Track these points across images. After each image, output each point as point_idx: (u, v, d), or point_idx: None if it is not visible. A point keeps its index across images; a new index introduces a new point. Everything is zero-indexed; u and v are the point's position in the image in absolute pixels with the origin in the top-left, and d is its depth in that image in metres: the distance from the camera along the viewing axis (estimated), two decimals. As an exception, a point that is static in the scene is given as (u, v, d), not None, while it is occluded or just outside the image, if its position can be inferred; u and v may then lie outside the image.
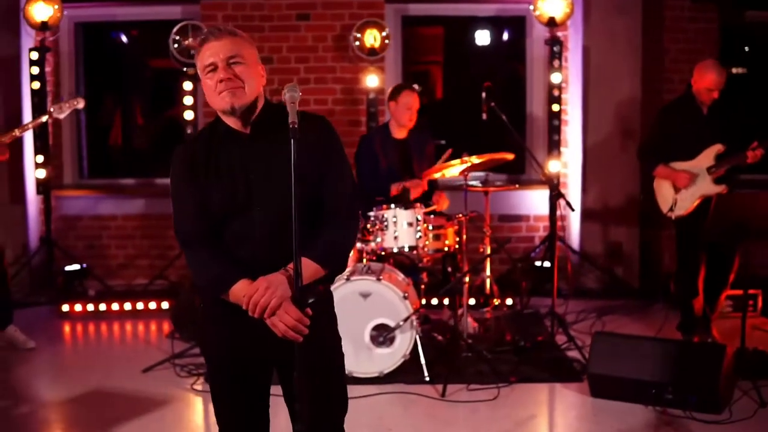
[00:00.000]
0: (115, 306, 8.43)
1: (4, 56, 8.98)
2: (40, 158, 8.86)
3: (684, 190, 6.82)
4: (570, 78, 8.96)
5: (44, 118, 7.37)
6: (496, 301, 7.77)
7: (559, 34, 8.80)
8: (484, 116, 7.05)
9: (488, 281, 7.43)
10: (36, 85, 8.68)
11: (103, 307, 8.41)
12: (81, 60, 9.71)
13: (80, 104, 7.42)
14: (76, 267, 9.06)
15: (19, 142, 8.85)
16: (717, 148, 6.72)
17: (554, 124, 8.71)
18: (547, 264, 8.65)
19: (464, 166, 6.79)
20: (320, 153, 3.29)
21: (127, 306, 8.41)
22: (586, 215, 9.09)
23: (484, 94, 7.00)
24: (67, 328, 8.11)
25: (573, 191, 9.05)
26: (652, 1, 8.88)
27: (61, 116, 7.44)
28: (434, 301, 8.05)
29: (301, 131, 3.10)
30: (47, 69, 9.05)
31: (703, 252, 6.86)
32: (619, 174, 8.97)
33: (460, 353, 6.61)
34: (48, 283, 9.07)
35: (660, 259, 8.75)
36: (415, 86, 7.55)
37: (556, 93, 8.66)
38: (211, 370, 3.44)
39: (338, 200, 3.30)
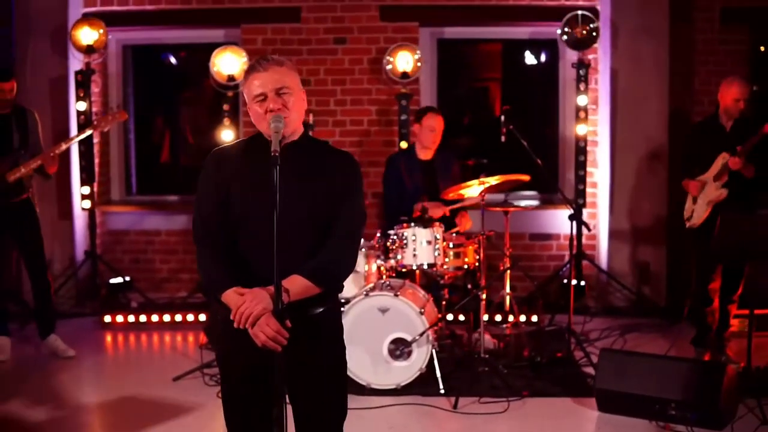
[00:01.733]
0: (154, 317, 8.76)
1: (53, 77, 9.39)
2: (86, 175, 9.24)
3: (698, 199, 7.08)
4: (600, 100, 9.14)
5: (89, 131, 7.79)
6: (522, 317, 7.99)
7: (590, 56, 9.01)
8: (503, 138, 7.27)
9: (507, 298, 7.63)
10: (81, 105, 9.07)
11: (143, 318, 8.75)
12: (130, 80, 10.10)
13: (123, 117, 7.81)
14: (119, 280, 9.43)
15: (66, 161, 9.24)
16: (723, 155, 6.95)
17: (580, 145, 8.90)
18: (573, 282, 8.83)
19: (482, 186, 7.02)
20: (340, 185, 3.56)
21: (166, 318, 8.74)
22: (614, 235, 9.24)
23: (503, 118, 7.23)
24: (108, 338, 8.46)
25: (602, 211, 9.22)
26: (680, 24, 9.03)
27: (106, 128, 7.85)
28: (461, 318, 8.25)
29: (328, 164, 3.55)
30: (95, 90, 9.47)
31: (717, 264, 7.07)
32: (646, 194, 9.12)
33: (477, 368, 6.82)
34: (93, 295, 9.44)
35: (687, 279, 8.86)
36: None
37: (582, 115, 8.84)
38: (224, 377, 3.70)
39: (342, 225, 3.54)
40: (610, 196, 9.23)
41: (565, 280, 8.93)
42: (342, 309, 6.61)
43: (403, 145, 8.85)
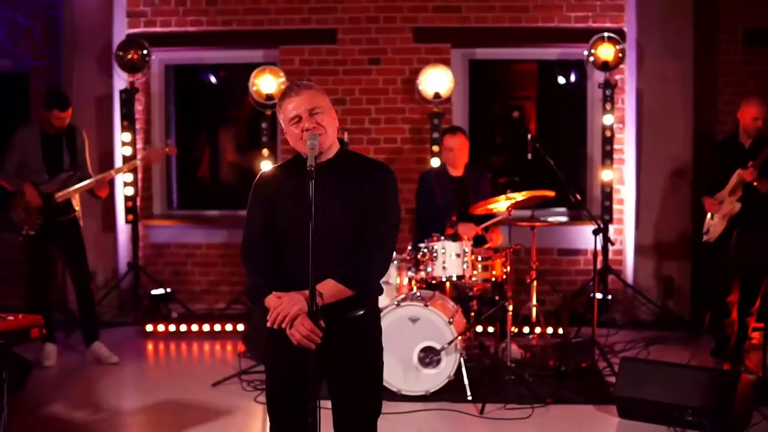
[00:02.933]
0: (194, 327, 9.11)
1: (99, 96, 9.79)
2: (129, 191, 9.65)
3: (715, 215, 7.37)
4: (626, 119, 9.40)
5: (138, 163, 8.26)
6: (549, 329, 8.28)
7: (617, 77, 9.29)
8: (529, 156, 7.56)
9: (534, 310, 7.89)
10: (125, 123, 9.48)
11: (183, 328, 9.10)
12: (171, 99, 10.48)
13: (171, 152, 8.27)
14: (161, 291, 9.78)
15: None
16: (738, 171, 7.22)
17: (606, 162, 9.17)
18: (599, 296, 9.10)
19: (509, 202, 7.32)
20: (374, 194, 3.88)
21: (206, 327, 9.07)
22: (640, 250, 9.50)
23: (529, 136, 7.53)
24: (150, 347, 8.81)
25: (628, 227, 9.48)
26: (704, 45, 9.29)
27: (157, 162, 8.31)
28: (490, 329, 8.49)
29: (363, 175, 3.90)
30: (138, 108, 9.87)
31: (734, 278, 7.33)
32: (671, 211, 9.36)
33: (503, 376, 7.11)
34: (135, 306, 9.82)
35: (709, 293, 9.08)
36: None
37: (608, 134, 9.12)
38: (269, 376, 4.01)
39: (374, 231, 3.84)
40: (635, 212, 9.48)
41: (592, 294, 9.18)
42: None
43: (435, 162, 9.14)
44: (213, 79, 11.04)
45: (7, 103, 10.37)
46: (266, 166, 9.33)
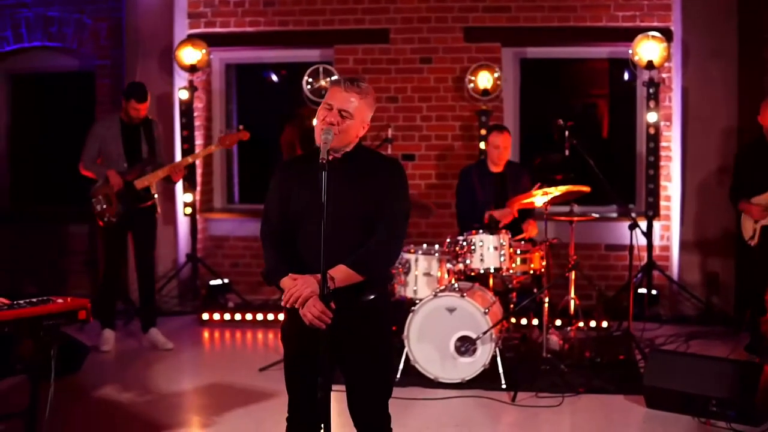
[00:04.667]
0: (248, 316, 9.43)
1: (160, 94, 10.16)
2: (188, 184, 10.03)
3: (762, 221, 7.50)
4: (673, 117, 9.51)
5: (214, 149, 8.59)
6: (593, 323, 8.46)
7: (664, 75, 9.41)
8: (567, 153, 7.75)
9: (572, 303, 8.07)
10: (183, 120, 9.89)
11: (238, 317, 9.43)
12: (233, 97, 10.85)
13: (245, 137, 8.57)
14: (218, 282, 10.13)
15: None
16: None
17: (650, 160, 9.31)
18: (643, 290, 9.25)
19: (547, 197, 7.53)
20: (384, 187, 4.12)
21: (259, 317, 9.39)
22: (685, 246, 9.62)
23: (566, 133, 7.71)
24: (205, 334, 9.17)
25: (674, 224, 9.60)
26: (750, 44, 9.35)
27: (230, 146, 8.69)
28: (535, 321, 8.66)
29: (374, 169, 4.14)
30: (199, 105, 10.26)
31: None
32: (716, 208, 9.41)
33: (539, 366, 7.33)
34: (193, 296, 10.19)
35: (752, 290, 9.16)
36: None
37: (652, 132, 9.26)
38: (288, 352, 4.29)
39: (385, 223, 4.09)
40: (681, 209, 9.61)
41: (641, 290, 9.33)
42: (412, 308, 7.21)
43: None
44: (274, 78, 11.36)
45: (74, 101, 10.81)
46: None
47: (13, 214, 11.14)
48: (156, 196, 8.38)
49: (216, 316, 9.46)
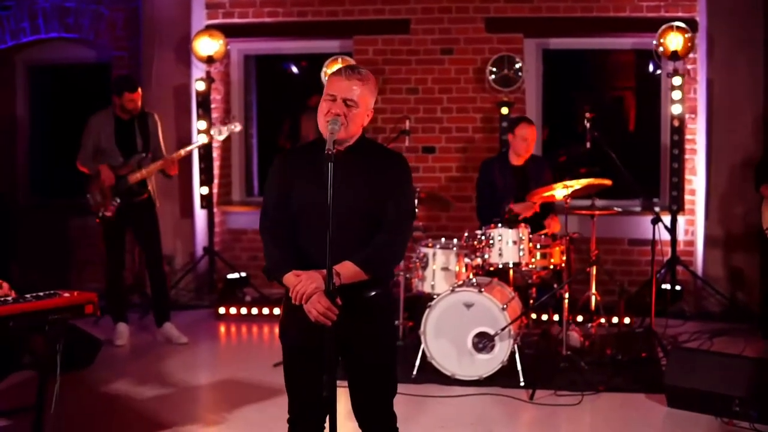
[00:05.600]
0: (265, 310, 9.34)
1: (177, 85, 10.09)
2: (205, 177, 9.92)
3: None
4: (698, 109, 9.33)
5: (205, 140, 8.43)
6: (615, 319, 8.31)
7: (688, 67, 9.23)
8: (588, 145, 7.59)
9: (593, 299, 7.91)
10: (200, 112, 9.76)
11: (255, 311, 9.35)
12: (252, 88, 10.74)
13: (237, 128, 8.46)
14: (236, 275, 10.02)
15: (188, 163, 9.94)
16: None
17: (674, 153, 9.14)
18: (666, 286, 9.08)
19: (567, 190, 7.36)
20: (389, 183, 4.00)
21: (276, 311, 9.25)
22: (709, 241, 9.43)
23: (588, 124, 7.55)
24: (222, 328, 9.09)
25: (699, 218, 9.42)
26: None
27: (220, 138, 8.52)
28: (556, 317, 8.51)
29: (380, 161, 4.03)
30: (217, 97, 10.16)
31: None
32: (741, 202, 9.24)
33: (559, 363, 7.17)
34: (211, 289, 10.10)
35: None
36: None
37: (676, 124, 9.08)
38: (288, 350, 4.13)
39: (390, 220, 3.97)
40: (705, 203, 9.42)
41: (666, 285, 9.16)
42: (429, 303, 7.07)
43: (507, 151, 9.24)
44: (294, 69, 11.26)
45: (92, 92, 10.73)
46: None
47: (31, 205, 11.09)
48: (151, 190, 8.26)
49: (233, 310, 9.37)
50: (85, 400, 6.70)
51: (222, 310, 9.38)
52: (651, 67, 9.98)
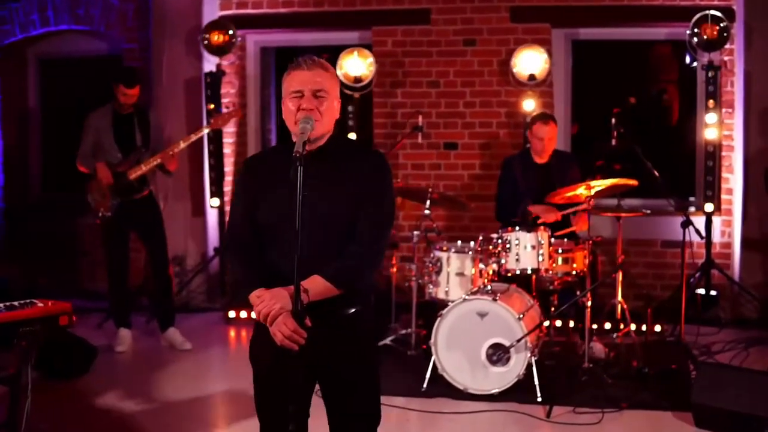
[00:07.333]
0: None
1: (189, 78, 9.72)
2: (215, 174, 9.52)
3: None
4: (735, 103, 8.79)
5: (205, 130, 8.03)
6: (644, 327, 7.81)
7: (725, 58, 8.70)
8: (614, 142, 7.11)
9: (619, 306, 7.42)
10: (211, 106, 9.35)
11: (265, 315, 8.92)
12: (270, 81, 10.33)
13: (238, 115, 8.10)
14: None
15: (199, 160, 9.63)
16: None
17: (708, 150, 8.61)
18: (700, 291, 8.58)
19: (590, 191, 6.87)
20: (366, 186, 3.57)
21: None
22: (747, 243, 8.89)
23: (613, 120, 7.07)
24: (231, 333, 8.72)
25: (736, 219, 8.89)
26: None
27: (222, 126, 8.16)
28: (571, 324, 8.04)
29: (356, 162, 3.57)
30: (231, 91, 9.76)
31: None
32: (780, 203, 8.73)
33: (580, 377, 6.68)
34: (222, 291, 9.67)
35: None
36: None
37: (710, 119, 8.54)
38: (258, 374, 3.76)
39: (367, 227, 3.55)
40: (743, 203, 8.86)
41: (700, 290, 8.65)
42: (440, 312, 6.62)
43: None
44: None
45: (104, 86, 10.36)
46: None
47: (43, 201, 10.79)
48: (152, 187, 7.93)
49: (243, 314, 8.94)
50: (70, 414, 6.36)
51: (232, 314, 8.97)
52: (687, 59, 9.44)
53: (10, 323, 4.68)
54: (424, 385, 6.60)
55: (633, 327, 7.51)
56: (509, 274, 6.97)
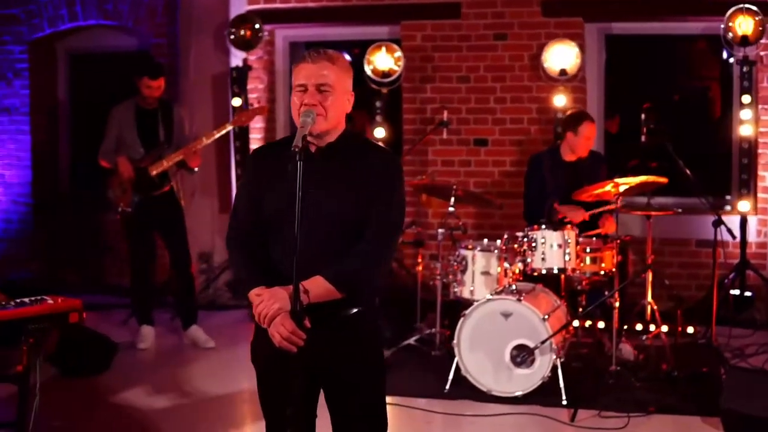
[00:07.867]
0: (303, 312, 8.81)
1: (215, 74, 9.64)
2: (241, 171, 9.33)
3: None
4: (773, 100, 8.58)
5: (228, 127, 7.90)
6: (679, 328, 7.62)
7: (761, 53, 8.47)
8: (643, 138, 6.93)
9: (649, 307, 7.22)
10: (237, 101, 9.25)
11: (292, 312, 8.82)
12: (299, 76, 10.21)
13: (263, 112, 8.01)
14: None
15: (226, 155, 9.54)
16: None
17: (743, 147, 8.39)
18: (735, 292, 8.35)
19: (617, 189, 6.68)
20: (375, 185, 3.44)
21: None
22: (783, 244, 8.66)
23: (643, 116, 6.89)
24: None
25: (772, 217, 8.66)
26: None
27: (246, 123, 8.08)
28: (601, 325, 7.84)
29: (366, 160, 3.45)
30: (260, 86, 9.68)
31: None
32: (819, 201, 8.47)
33: (607, 379, 6.50)
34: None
35: None
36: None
37: (746, 115, 8.32)
38: (259, 376, 3.66)
39: (374, 228, 3.43)
40: (779, 201, 8.63)
41: (735, 291, 8.43)
42: (464, 312, 6.47)
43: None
44: (346, 57, 10.70)
45: (131, 80, 10.34)
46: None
47: (71, 197, 10.76)
48: (174, 183, 7.76)
49: (269, 311, 8.84)
50: (83, 411, 6.29)
51: (255, 312, 8.86)
52: (724, 54, 9.21)
53: (19, 320, 4.59)
54: (447, 387, 6.47)
55: (665, 329, 7.30)
56: (535, 274, 6.81)
